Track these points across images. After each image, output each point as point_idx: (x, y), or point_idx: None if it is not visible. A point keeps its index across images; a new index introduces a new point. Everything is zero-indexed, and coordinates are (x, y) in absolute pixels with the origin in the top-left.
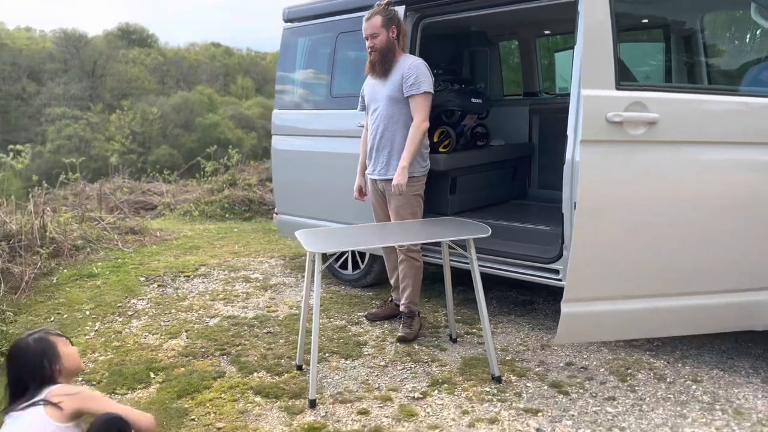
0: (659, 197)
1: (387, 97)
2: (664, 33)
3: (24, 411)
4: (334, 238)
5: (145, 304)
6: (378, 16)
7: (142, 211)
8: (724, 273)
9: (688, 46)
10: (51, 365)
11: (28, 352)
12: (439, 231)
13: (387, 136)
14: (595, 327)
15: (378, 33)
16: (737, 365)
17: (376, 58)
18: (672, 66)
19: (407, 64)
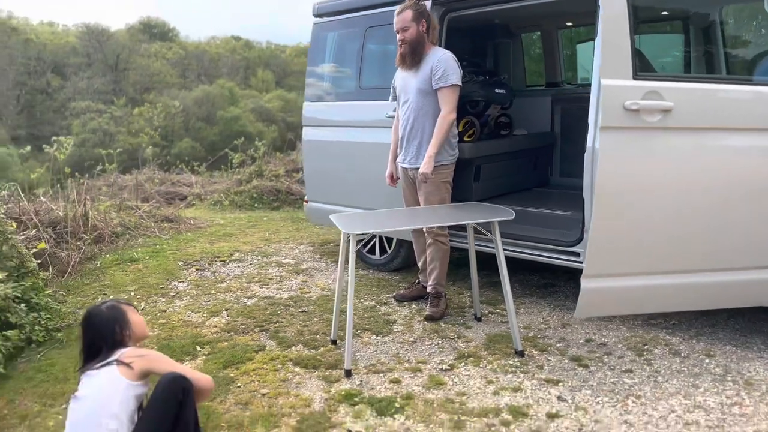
0: (674, 180)
1: (417, 89)
2: (680, 25)
3: (99, 370)
4: (366, 220)
5: (186, 286)
6: (409, 10)
7: (173, 201)
8: (735, 252)
9: (704, 38)
10: (122, 330)
11: (101, 318)
12: (465, 214)
13: (417, 127)
14: (613, 301)
15: (408, 26)
16: (750, 342)
17: (407, 51)
18: (687, 56)
19: (437, 57)
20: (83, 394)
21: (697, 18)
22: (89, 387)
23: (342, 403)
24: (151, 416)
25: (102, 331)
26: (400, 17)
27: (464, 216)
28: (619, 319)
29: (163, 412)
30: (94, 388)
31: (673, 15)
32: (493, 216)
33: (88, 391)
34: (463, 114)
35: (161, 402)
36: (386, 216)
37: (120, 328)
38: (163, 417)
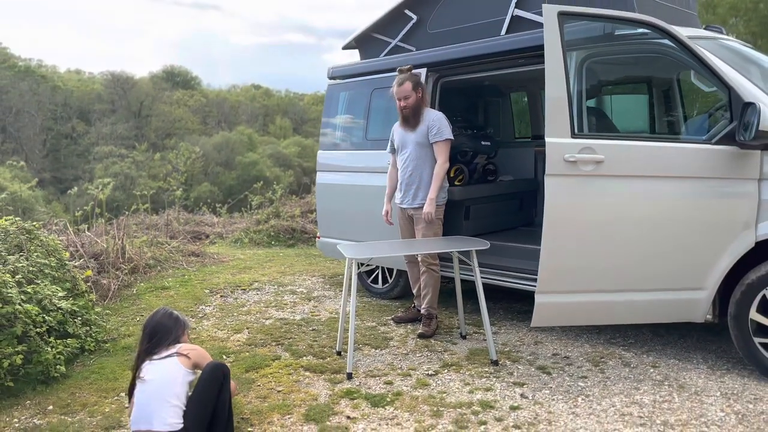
0: (605, 216)
1: (415, 143)
2: (612, 94)
3: (163, 360)
4: (367, 249)
5: (212, 309)
6: (408, 82)
7: (196, 240)
8: (662, 275)
9: (633, 103)
10: (183, 331)
11: (169, 318)
12: (450, 244)
13: (416, 174)
14: (561, 313)
15: (410, 95)
16: (691, 356)
17: (409, 114)
18: (616, 117)
19: (432, 117)
20: (150, 378)
21: (629, 87)
22: (154, 372)
23: (343, 398)
24: (199, 393)
25: (168, 328)
26: (401, 88)
27: (449, 246)
28: (584, 337)
29: (209, 391)
30: (159, 373)
31: (608, 85)
32: (470, 246)
33: (155, 375)
34: (454, 162)
35: (207, 383)
36: (384, 246)
37: (181, 328)
38: (209, 395)
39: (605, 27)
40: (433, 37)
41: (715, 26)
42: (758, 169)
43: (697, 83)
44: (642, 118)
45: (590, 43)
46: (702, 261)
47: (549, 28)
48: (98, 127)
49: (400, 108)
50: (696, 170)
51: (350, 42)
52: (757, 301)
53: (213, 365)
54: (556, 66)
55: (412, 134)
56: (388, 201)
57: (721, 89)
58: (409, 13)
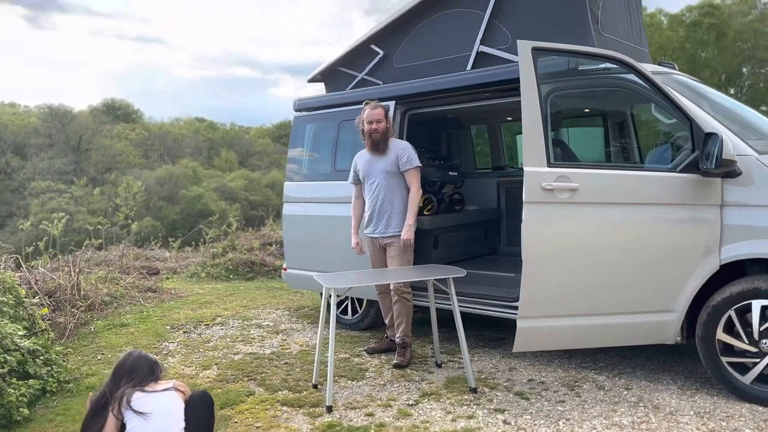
0: (580, 241)
1: (384, 171)
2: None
3: (162, 393)
4: (345, 278)
5: (176, 346)
6: (380, 107)
7: (148, 276)
8: (635, 298)
9: (607, 133)
10: (159, 370)
11: (145, 360)
12: (426, 273)
13: (387, 203)
14: (543, 338)
15: (382, 120)
16: (661, 378)
17: (380, 138)
18: (593, 148)
19: (400, 146)
20: (151, 410)
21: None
22: (155, 405)
23: (326, 431)
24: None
25: (145, 368)
26: (375, 112)
27: (425, 274)
28: (556, 362)
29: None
30: (162, 406)
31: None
32: (448, 274)
33: (157, 408)
34: (423, 192)
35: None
36: (363, 275)
37: (160, 371)
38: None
39: (569, 62)
40: (400, 71)
41: (667, 62)
42: (719, 195)
43: (658, 115)
44: (608, 148)
45: (555, 78)
46: (671, 284)
47: (524, 63)
48: (34, 162)
49: (371, 131)
50: (663, 197)
51: (316, 75)
52: (722, 321)
53: (201, 392)
54: (532, 98)
55: (380, 162)
56: (356, 233)
57: (683, 121)
58: (375, 48)
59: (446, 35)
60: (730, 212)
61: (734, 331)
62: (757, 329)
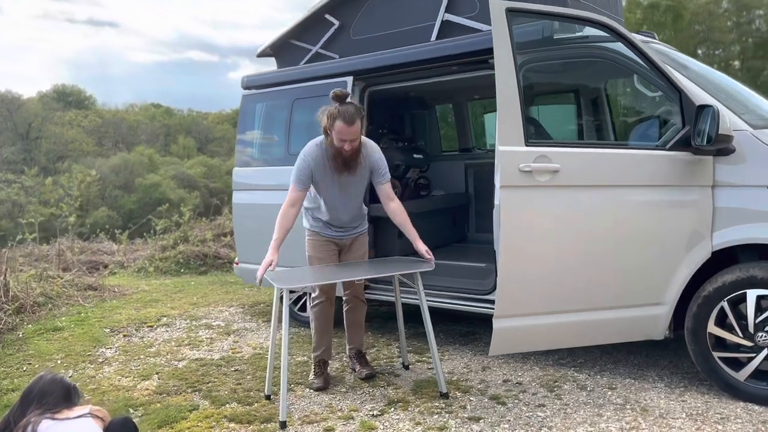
0: (564, 229)
1: (353, 184)
2: (568, 98)
3: (76, 420)
4: (301, 276)
5: (114, 352)
6: (358, 119)
7: (94, 271)
8: (623, 291)
9: (585, 109)
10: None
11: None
12: (392, 267)
13: (357, 215)
14: (521, 339)
15: (357, 137)
16: (645, 374)
17: (352, 158)
18: (574, 124)
19: (374, 156)
20: None
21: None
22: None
23: None
24: None
25: (62, 388)
26: (351, 129)
27: (391, 269)
28: (532, 360)
29: None
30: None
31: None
32: (415, 267)
33: None
34: None
35: None
36: (322, 271)
37: (77, 396)
38: None
39: (545, 30)
40: (358, 43)
41: (646, 32)
42: (711, 175)
43: (641, 88)
44: (589, 125)
45: (529, 48)
46: (661, 274)
47: (498, 26)
48: None
49: (343, 151)
50: (652, 178)
51: (265, 49)
52: (714, 314)
53: (123, 419)
54: (507, 67)
55: (350, 179)
56: (276, 250)
57: (672, 93)
58: (330, 19)
59: (408, 3)
60: (722, 193)
61: (727, 323)
62: (752, 321)
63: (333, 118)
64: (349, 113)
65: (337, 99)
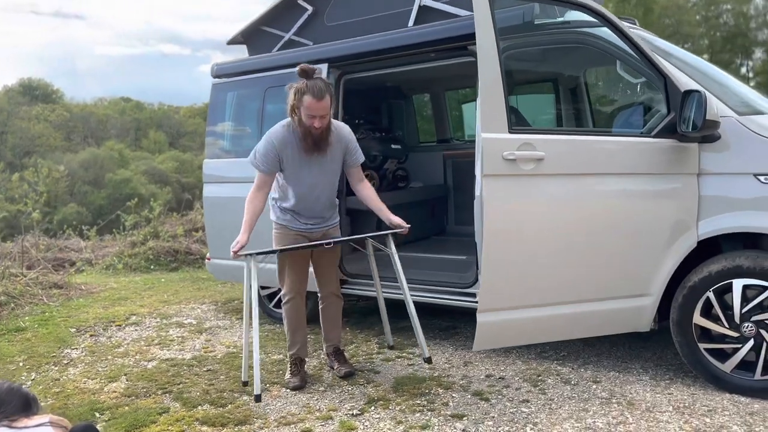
0: (549, 220)
1: (327, 171)
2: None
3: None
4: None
5: (80, 353)
6: (327, 94)
7: (61, 268)
8: (609, 282)
9: (571, 96)
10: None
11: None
12: (365, 233)
13: (329, 202)
14: (506, 333)
15: (327, 113)
16: (630, 367)
17: (322, 137)
18: (555, 112)
19: (345, 134)
20: None
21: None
22: None
23: None
24: None
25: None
26: (321, 104)
27: (361, 233)
28: (515, 353)
29: None
30: None
31: (542, 77)
32: (386, 230)
33: None
34: (363, 168)
35: None
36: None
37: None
38: None
39: (525, 15)
40: (332, 30)
41: (627, 18)
42: (696, 163)
43: (623, 74)
44: (571, 112)
45: (508, 34)
46: (647, 264)
47: (479, 9)
48: None
49: (313, 128)
50: (638, 166)
51: (236, 36)
52: (700, 304)
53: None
54: (489, 51)
55: (321, 161)
56: (246, 232)
57: (657, 79)
58: (303, 4)
59: None
60: (707, 182)
61: (712, 314)
62: (738, 312)
63: (301, 93)
64: (318, 87)
65: (304, 74)
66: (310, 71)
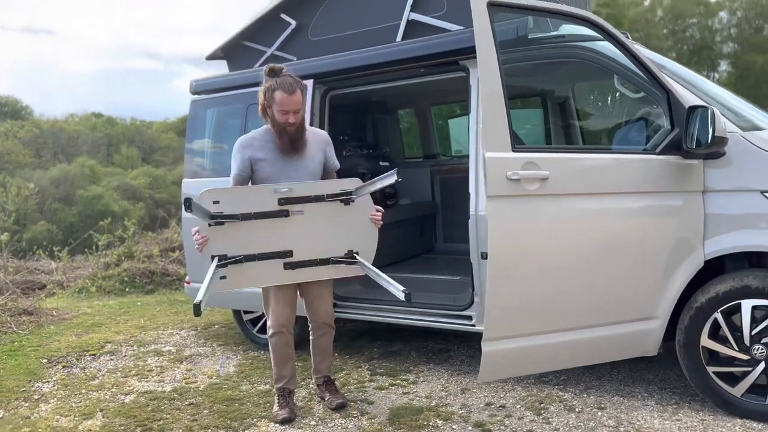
0: (556, 242)
1: (311, 173)
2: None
3: None
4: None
5: (52, 387)
6: (298, 90)
7: (31, 292)
8: (616, 305)
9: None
10: None
11: None
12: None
13: None
14: (514, 363)
15: (300, 108)
16: (634, 391)
17: (297, 135)
18: (555, 129)
19: (322, 136)
20: None
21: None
22: None
23: None
24: None
25: None
26: (293, 98)
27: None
28: (513, 379)
29: None
30: None
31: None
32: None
33: None
34: None
35: None
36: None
37: None
38: None
39: (519, 29)
40: (317, 45)
41: (620, 31)
42: (701, 180)
43: (622, 89)
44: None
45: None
46: (654, 286)
47: (479, 22)
48: None
49: (287, 125)
50: (644, 184)
51: (216, 52)
52: (707, 326)
53: None
54: (490, 66)
55: (300, 164)
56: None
57: (659, 94)
58: (286, 18)
59: (371, 2)
60: (712, 199)
61: (720, 336)
62: (747, 333)
63: (272, 90)
64: (288, 82)
65: (273, 73)
66: (278, 69)
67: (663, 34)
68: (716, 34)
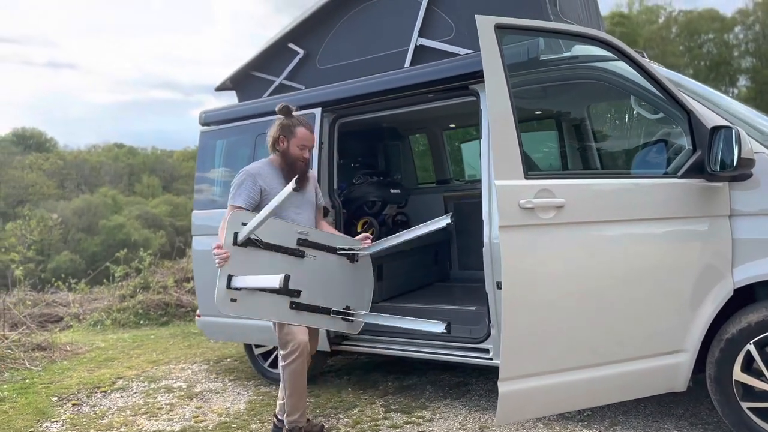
0: (574, 274)
1: (310, 204)
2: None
3: None
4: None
5: (60, 427)
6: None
7: (48, 325)
8: (642, 339)
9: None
10: None
11: None
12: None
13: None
14: (533, 403)
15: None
16: (663, 427)
17: (305, 170)
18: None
19: (312, 174)
20: None
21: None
22: None
23: None
24: None
25: None
26: (313, 136)
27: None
28: None
29: None
30: None
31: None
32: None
33: None
34: (361, 215)
35: None
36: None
37: None
38: None
39: (530, 50)
40: (325, 73)
41: (635, 50)
42: (727, 203)
43: (640, 110)
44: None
45: (513, 70)
46: (681, 317)
47: (487, 45)
48: None
49: (302, 159)
50: (667, 210)
51: (225, 82)
52: (740, 358)
53: None
54: (499, 90)
55: (302, 194)
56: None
57: (679, 114)
58: (294, 48)
59: (378, 28)
60: (740, 223)
61: (754, 368)
62: None
63: (292, 126)
64: (306, 120)
65: (286, 112)
66: (290, 109)
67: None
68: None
